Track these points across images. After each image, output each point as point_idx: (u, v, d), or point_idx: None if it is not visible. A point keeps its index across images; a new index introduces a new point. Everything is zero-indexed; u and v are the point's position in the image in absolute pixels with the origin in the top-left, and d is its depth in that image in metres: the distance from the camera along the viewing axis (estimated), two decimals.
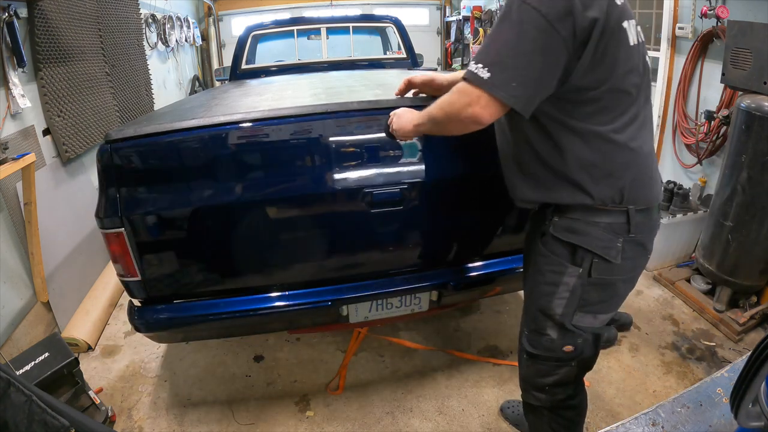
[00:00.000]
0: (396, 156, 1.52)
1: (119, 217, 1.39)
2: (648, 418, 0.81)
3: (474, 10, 6.32)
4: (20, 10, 2.22)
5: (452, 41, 7.25)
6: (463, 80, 0.99)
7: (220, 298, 1.57)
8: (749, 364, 0.54)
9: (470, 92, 0.96)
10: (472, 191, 1.62)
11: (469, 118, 0.98)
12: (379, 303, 1.66)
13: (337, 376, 2.07)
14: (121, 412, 1.93)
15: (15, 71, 2.18)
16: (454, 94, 1.01)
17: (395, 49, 4.03)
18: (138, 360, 2.25)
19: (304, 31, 3.83)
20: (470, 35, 6.52)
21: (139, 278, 1.48)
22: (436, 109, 1.09)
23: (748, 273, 2.22)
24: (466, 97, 0.97)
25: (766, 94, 2.02)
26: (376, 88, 2.15)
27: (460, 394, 1.95)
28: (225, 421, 1.88)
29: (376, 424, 1.83)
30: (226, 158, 1.44)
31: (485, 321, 2.43)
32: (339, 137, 1.48)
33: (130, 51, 3.64)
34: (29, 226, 2.15)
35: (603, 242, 1.07)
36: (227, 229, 1.48)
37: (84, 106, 2.80)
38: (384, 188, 1.48)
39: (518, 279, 1.76)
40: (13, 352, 1.97)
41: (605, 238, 1.07)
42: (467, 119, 0.99)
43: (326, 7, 7.03)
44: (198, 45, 6.64)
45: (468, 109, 0.97)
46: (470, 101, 0.97)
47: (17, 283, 2.17)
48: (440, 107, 1.07)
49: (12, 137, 2.15)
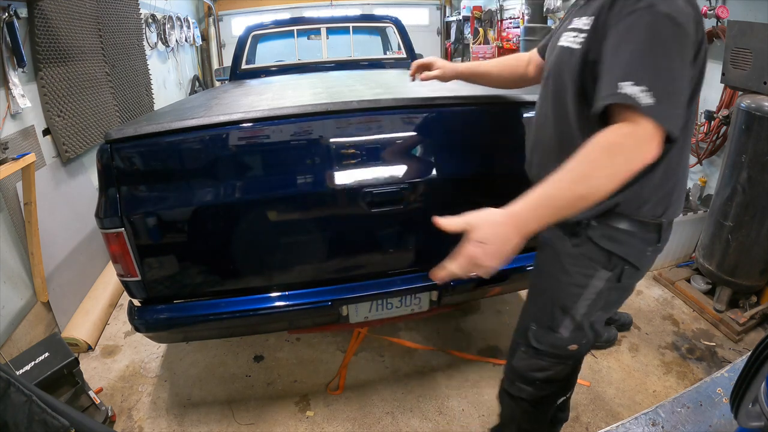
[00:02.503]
0: (396, 156, 1.52)
1: (119, 217, 1.39)
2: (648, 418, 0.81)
3: (474, 10, 6.32)
4: (20, 10, 2.22)
5: (452, 41, 7.26)
6: (624, 114, 0.78)
7: (220, 298, 1.57)
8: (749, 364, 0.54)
9: (642, 130, 0.75)
10: (473, 191, 1.62)
11: (641, 165, 0.77)
12: (379, 303, 1.66)
13: (337, 376, 2.07)
14: (121, 412, 1.93)
15: (15, 71, 2.18)
16: (613, 138, 0.76)
17: (395, 49, 4.03)
18: (138, 360, 2.25)
19: (304, 31, 3.83)
20: (470, 35, 6.52)
21: (139, 278, 1.48)
22: (576, 175, 0.77)
23: (748, 273, 2.22)
24: (636, 138, 0.76)
25: (766, 94, 2.02)
26: (377, 87, 2.14)
27: (460, 394, 1.95)
28: (225, 421, 1.88)
29: (376, 424, 1.83)
30: (226, 158, 1.44)
31: (485, 321, 2.43)
32: (339, 137, 1.48)
33: (130, 51, 3.64)
34: (29, 226, 2.15)
35: (638, 252, 1.07)
36: (227, 229, 1.48)
37: (84, 106, 2.80)
38: (384, 188, 1.48)
39: (518, 279, 1.76)
40: (13, 352, 1.97)
41: (641, 248, 1.07)
42: (639, 166, 0.77)
43: (326, 7, 7.04)
44: (198, 45, 6.64)
45: (643, 154, 0.76)
46: (644, 140, 0.76)
47: (17, 283, 2.17)
48: (591, 167, 0.77)
49: (12, 137, 2.15)
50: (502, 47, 5.37)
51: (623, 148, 0.77)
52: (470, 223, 0.80)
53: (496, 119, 1.62)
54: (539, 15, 4.60)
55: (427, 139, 1.57)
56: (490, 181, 1.63)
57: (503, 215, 0.79)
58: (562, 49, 1.03)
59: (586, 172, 0.78)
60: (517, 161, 1.64)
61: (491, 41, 5.94)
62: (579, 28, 0.98)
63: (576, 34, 0.98)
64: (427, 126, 1.56)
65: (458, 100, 1.54)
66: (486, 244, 0.78)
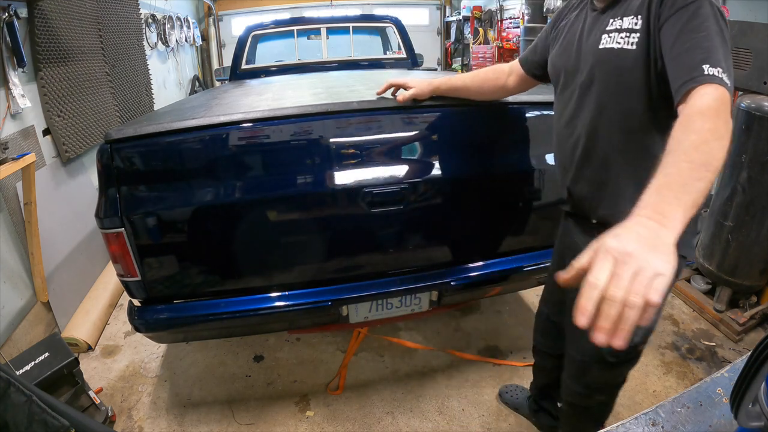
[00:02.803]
0: (396, 156, 1.52)
1: (119, 217, 1.39)
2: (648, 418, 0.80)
3: (474, 10, 6.33)
4: (20, 10, 2.22)
5: (452, 41, 7.26)
6: (708, 85, 0.78)
7: (220, 298, 1.57)
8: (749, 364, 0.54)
9: (727, 98, 0.78)
10: (473, 191, 1.62)
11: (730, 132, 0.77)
12: (379, 303, 1.66)
13: (337, 376, 2.07)
14: (121, 412, 1.93)
15: (15, 71, 2.18)
16: (716, 108, 0.75)
17: (395, 49, 4.03)
18: (138, 360, 2.25)
19: (304, 31, 3.83)
20: (470, 35, 6.52)
21: (139, 278, 1.48)
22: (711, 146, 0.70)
23: (748, 273, 2.22)
24: (727, 104, 0.77)
25: (766, 94, 2.02)
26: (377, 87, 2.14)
27: (460, 394, 1.95)
28: (225, 421, 1.88)
29: (376, 424, 1.83)
30: (226, 158, 1.44)
31: (485, 321, 2.43)
32: (339, 137, 1.48)
33: (130, 51, 3.64)
34: (29, 226, 2.15)
35: (687, 243, 1.06)
36: (227, 229, 1.48)
37: (84, 106, 2.80)
38: (384, 188, 1.48)
39: (518, 279, 1.76)
40: (13, 352, 1.97)
41: (689, 238, 1.08)
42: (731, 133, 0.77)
43: (326, 7, 7.04)
44: (198, 45, 6.65)
45: (730, 122, 0.77)
46: (728, 107, 0.78)
47: (17, 283, 2.17)
48: (715, 137, 0.71)
49: (12, 137, 2.15)
50: (502, 47, 5.38)
51: (722, 111, 0.76)
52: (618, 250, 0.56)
53: (496, 119, 1.62)
54: (539, 15, 4.60)
55: (427, 140, 1.57)
56: (490, 181, 1.63)
57: (647, 224, 0.60)
58: (611, 51, 0.99)
59: (708, 145, 0.69)
60: (516, 161, 1.65)
61: (491, 41, 5.95)
62: (627, 29, 0.96)
63: (626, 34, 0.97)
64: (427, 126, 1.56)
65: (458, 101, 1.54)
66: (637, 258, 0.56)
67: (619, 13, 0.99)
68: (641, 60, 0.95)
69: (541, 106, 1.64)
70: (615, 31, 0.99)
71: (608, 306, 0.53)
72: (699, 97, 0.78)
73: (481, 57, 5.70)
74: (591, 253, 0.58)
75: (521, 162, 1.65)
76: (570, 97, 1.13)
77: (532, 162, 1.64)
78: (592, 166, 1.11)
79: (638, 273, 0.53)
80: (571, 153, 1.15)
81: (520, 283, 1.85)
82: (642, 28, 0.94)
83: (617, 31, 0.99)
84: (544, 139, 1.65)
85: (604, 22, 1.02)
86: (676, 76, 0.84)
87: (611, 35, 1.00)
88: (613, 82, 1.01)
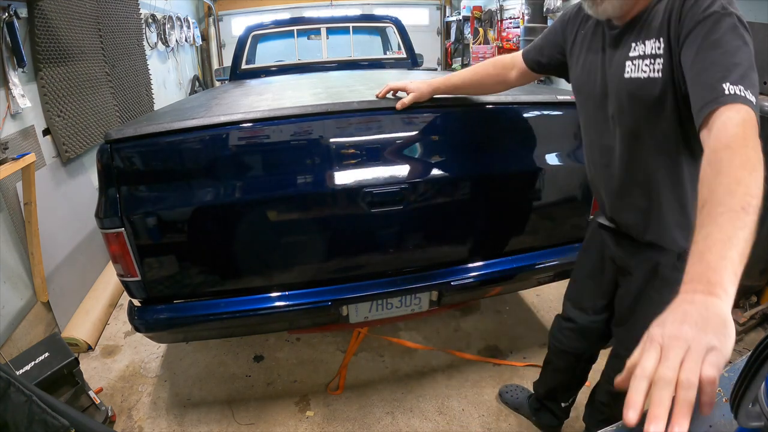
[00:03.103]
0: (396, 156, 1.52)
1: (119, 217, 1.39)
2: None
3: (474, 10, 6.33)
4: (20, 10, 2.22)
5: (452, 41, 7.26)
6: (729, 107, 0.75)
7: (220, 298, 1.57)
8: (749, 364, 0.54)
9: (753, 121, 0.73)
10: (473, 191, 1.62)
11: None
12: (379, 303, 1.66)
13: (337, 376, 2.07)
14: (121, 412, 1.93)
15: (15, 71, 2.18)
16: (743, 136, 0.70)
17: (395, 49, 4.03)
18: (138, 360, 2.25)
19: (304, 31, 3.83)
20: (470, 35, 6.52)
21: (139, 278, 1.48)
22: (746, 184, 0.64)
23: (748, 273, 2.18)
24: (754, 128, 0.73)
25: (766, 94, 2.02)
26: (377, 87, 2.14)
27: (460, 394, 1.95)
28: (225, 421, 1.88)
29: (376, 424, 1.83)
30: (226, 158, 1.44)
31: (485, 321, 2.43)
32: (339, 137, 1.48)
33: (130, 51, 3.64)
34: (29, 226, 2.15)
35: None
36: (227, 229, 1.48)
37: (84, 106, 2.80)
38: (384, 188, 1.48)
39: (518, 279, 1.76)
40: (13, 352, 1.97)
41: None
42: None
43: (326, 7, 7.04)
44: (198, 45, 6.65)
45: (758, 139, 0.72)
46: (756, 126, 0.73)
47: (17, 283, 2.17)
48: (749, 171, 0.66)
49: (12, 137, 2.15)
50: (502, 47, 5.38)
51: (749, 137, 0.70)
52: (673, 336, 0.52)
53: (496, 119, 1.62)
54: (539, 15, 4.60)
55: (427, 140, 1.57)
56: (489, 181, 1.63)
57: (694, 300, 0.56)
58: (638, 81, 0.97)
59: (743, 185, 0.64)
60: (516, 161, 1.65)
61: (491, 41, 5.95)
62: (651, 54, 0.94)
63: (650, 61, 0.94)
64: (427, 126, 1.56)
65: (458, 101, 1.54)
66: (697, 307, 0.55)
67: (641, 36, 0.96)
68: (669, 85, 0.93)
69: (540, 106, 1.65)
70: (638, 57, 0.96)
71: (659, 390, 0.48)
72: (722, 124, 0.74)
73: (481, 57, 5.70)
74: (641, 347, 0.55)
75: (521, 162, 1.65)
76: (602, 127, 1.11)
77: (532, 162, 1.64)
78: (633, 195, 1.10)
79: (688, 352, 0.50)
80: (609, 182, 1.14)
81: (520, 283, 1.85)
82: (665, 53, 0.91)
83: (641, 58, 0.96)
84: (543, 139, 1.65)
85: (626, 47, 0.99)
86: (696, 98, 0.80)
87: (635, 62, 0.97)
88: (644, 111, 0.99)
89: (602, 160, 1.14)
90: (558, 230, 1.78)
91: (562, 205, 1.77)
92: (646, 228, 1.11)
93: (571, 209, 1.78)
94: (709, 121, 0.76)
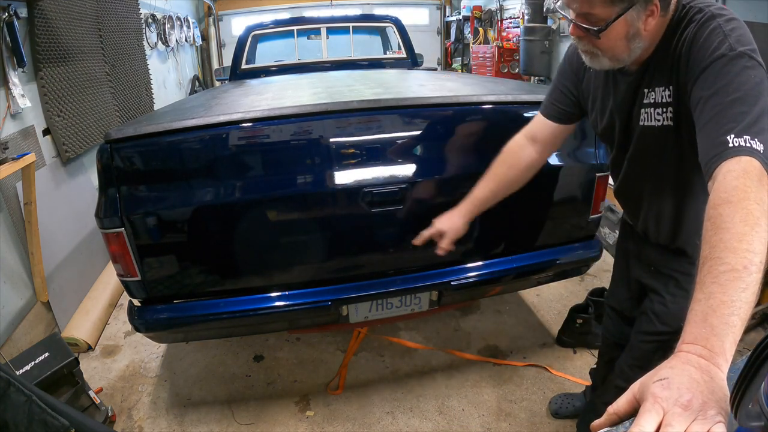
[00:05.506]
0: (396, 155, 1.52)
1: (119, 217, 1.39)
2: None
3: (474, 10, 6.32)
4: (20, 10, 2.21)
5: (452, 41, 7.26)
6: (732, 160, 0.72)
7: (220, 298, 1.57)
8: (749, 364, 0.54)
9: (757, 170, 0.70)
10: None
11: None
12: (379, 303, 1.66)
13: (337, 376, 2.07)
14: (121, 412, 1.93)
15: (15, 71, 2.18)
16: (743, 188, 0.67)
17: (395, 49, 4.03)
18: (138, 360, 2.25)
19: (304, 31, 3.83)
20: (470, 35, 6.52)
21: (138, 278, 1.48)
22: (748, 241, 0.63)
23: None
24: (760, 177, 0.69)
25: None
26: (377, 87, 2.15)
27: (460, 394, 1.95)
28: (225, 421, 1.88)
29: (376, 424, 1.83)
30: (226, 158, 1.44)
31: (485, 321, 2.43)
32: (339, 137, 1.48)
33: (130, 51, 3.64)
34: (29, 226, 2.15)
35: None
36: (227, 228, 1.48)
37: (84, 106, 2.80)
38: (384, 187, 1.48)
39: (518, 279, 1.76)
40: (13, 352, 1.97)
41: None
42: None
43: (326, 7, 7.04)
44: (198, 45, 6.64)
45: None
46: (763, 179, 0.70)
47: (17, 283, 2.17)
48: (750, 225, 0.64)
49: (12, 137, 2.15)
50: (502, 47, 5.37)
51: (751, 188, 0.68)
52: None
53: (496, 119, 1.62)
54: (539, 15, 4.60)
55: (427, 139, 1.57)
56: None
57: (699, 364, 0.54)
58: (653, 129, 0.98)
59: (744, 241, 0.62)
60: None
61: (491, 41, 5.94)
62: (662, 103, 0.94)
63: (662, 110, 0.95)
64: (427, 126, 1.56)
65: (458, 100, 1.54)
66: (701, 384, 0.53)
67: (652, 84, 0.95)
68: (683, 131, 0.94)
69: (539, 106, 1.64)
70: (651, 106, 0.97)
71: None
72: (722, 177, 0.71)
73: (481, 57, 5.70)
74: (630, 396, 0.53)
75: None
76: (621, 158, 1.14)
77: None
78: (663, 221, 1.13)
79: (695, 423, 0.48)
80: (637, 209, 1.19)
81: (520, 283, 1.85)
82: (674, 101, 0.91)
83: (653, 106, 0.96)
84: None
85: (639, 94, 0.99)
86: (702, 153, 0.78)
87: (648, 111, 0.98)
88: (661, 155, 1.02)
89: (626, 192, 1.20)
90: (558, 230, 1.78)
91: (563, 205, 1.77)
92: (675, 239, 1.14)
93: (571, 209, 1.78)
94: (712, 176, 0.74)
